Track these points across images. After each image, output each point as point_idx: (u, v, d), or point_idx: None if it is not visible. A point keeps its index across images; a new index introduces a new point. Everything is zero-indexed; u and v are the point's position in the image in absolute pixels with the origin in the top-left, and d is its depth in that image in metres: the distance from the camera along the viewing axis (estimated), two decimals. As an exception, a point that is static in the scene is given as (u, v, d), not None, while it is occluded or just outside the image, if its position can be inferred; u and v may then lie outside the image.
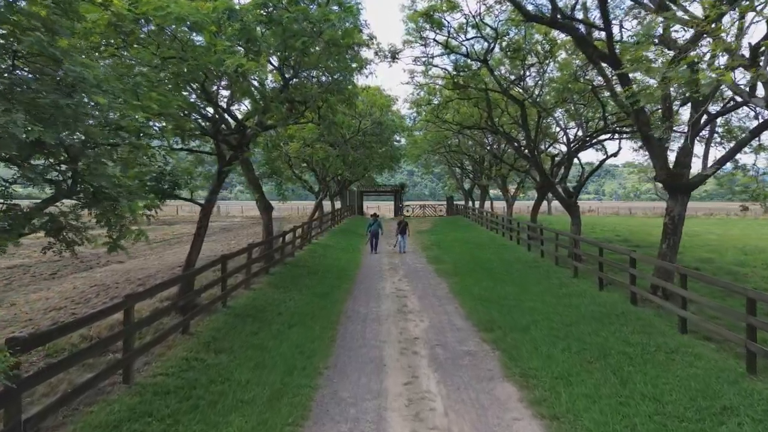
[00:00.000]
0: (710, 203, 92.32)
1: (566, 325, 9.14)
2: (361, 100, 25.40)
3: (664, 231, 10.73)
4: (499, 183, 29.79)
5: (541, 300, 11.26)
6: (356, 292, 12.92)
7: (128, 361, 5.94)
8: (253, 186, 14.50)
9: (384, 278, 14.95)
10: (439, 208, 50.90)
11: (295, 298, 11.29)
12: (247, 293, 11.28)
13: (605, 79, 12.24)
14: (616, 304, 10.54)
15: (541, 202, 22.73)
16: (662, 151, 10.43)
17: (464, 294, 12.40)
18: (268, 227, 15.01)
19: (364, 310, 11.01)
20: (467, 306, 11.17)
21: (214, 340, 7.90)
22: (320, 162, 21.47)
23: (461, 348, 8.29)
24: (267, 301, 10.75)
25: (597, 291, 11.99)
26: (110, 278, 13.79)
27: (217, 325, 8.65)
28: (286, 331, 8.83)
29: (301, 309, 10.44)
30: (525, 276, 14.30)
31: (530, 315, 9.96)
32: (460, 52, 15.42)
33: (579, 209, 16.69)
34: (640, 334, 8.50)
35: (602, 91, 19.63)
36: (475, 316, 10.22)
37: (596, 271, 12.82)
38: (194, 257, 9.36)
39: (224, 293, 9.71)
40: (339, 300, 11.74)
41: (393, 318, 10.34)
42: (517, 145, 17.81)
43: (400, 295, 12.57)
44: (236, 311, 9.62)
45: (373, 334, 9.16)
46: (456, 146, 31.73)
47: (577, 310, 10.21)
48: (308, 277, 13.79)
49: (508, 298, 11.62)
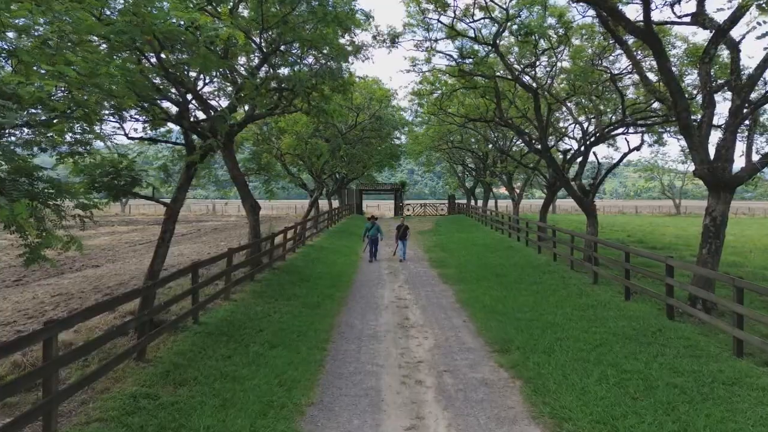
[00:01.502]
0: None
1: (596, 346, 7.76)
2: (358, 93, 24.05)
3: (705, 234, 9.35)
4: (504, 180, 28.39)
5: (561, 312, 9.88)
6: (352, 301, 11.55)
7: (49, 406, 4.57)
8: (238, 183, 13.12)
9: (383, 285, 13.58)
10: (440, 207, 49.52)
11: (282, 311, 9.91)
12: (225, 305, 9.90)
13: (633, 61, 10.85)
14: (649, 318, 9.16)
15: (551, 201, 21.36)
16: (703, 143, 9.05)
17: (473, 304, 11.03)
18: (255, 229, 13.63)
19: (359, 324, 9.64)
20: (477, 319, 9.80)
21: (175, 369, 6.51)
22: (308, 156, 20.07)
23: (474, 375, 6.92)
24: (248, 314, 9.37)
25: (623, 301, 10.61)
26: (78, 286, 12.44)
27: (182, 348, 7.27)
28: (266, 354, 7.45)
29: (287, 324, 9.07)
30: (539, 283, 12.92)
31: (551, 332, 8.58)
32: (468, 35, 14.00)
33: (596, 209, 15.30)
34: (687, 358, 7.12)
35: (620, 79, 18.30)
36: (488, 333, 8.85)
37: (620, 278, 11.45)
38: (157, 266, 7.98)
39: (195, 307, 8.34)
40: (332, 312, 10.38)
41: (393, 334, 8.97)
42: (528, 138, 16.43)
43: (400, 306, 11.20)
44: (209, 328, 8.23)
45: (369, 355, 7.79)
46: (459, 142, 30.30)
47: (604, 326, 8.83)
48: (299, 285, 12.41)
49: (522, 309, 10.24)
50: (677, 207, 58.70)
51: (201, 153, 7.49)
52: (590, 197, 14.98)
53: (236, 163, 13.08)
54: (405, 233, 17.87)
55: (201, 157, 7.57)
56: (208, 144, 7.56)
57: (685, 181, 58.52)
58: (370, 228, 17.68)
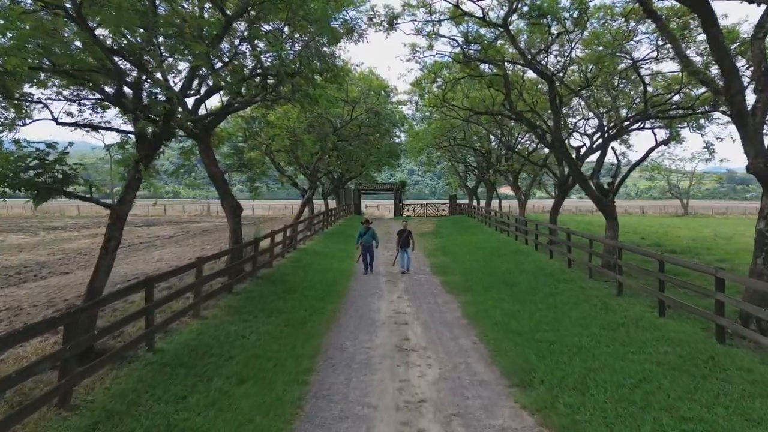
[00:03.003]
0: (710, 202, 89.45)
1: (639, 380, 6.31)
2: (354, 85, 22.61)
3: (758, 241, 7.91)
4: (510, 180, 26.89)
5: (587, 332, 8.42)
6: (344, 316, 10.10)
7: None
8: (217, 181, 11.67)
9: (380, 295, 12.13)
10: (441, 208, 48.07)
11: (260, 330, 8.46)
12: (193, 324, 8.44)
13: (671, 39, 9.38)
14: (695, 341, 7.70)
15: (562, 201, 19.89)
16: (758, 133, 7.60)
17: (482, 320, 9.59)
18: (236, 233, 12.17)
19: (351, 346, 8.20)
20: (489, 340, 8.36)
21: (107, 419, 5.07)
22: (300, 154, 18.60)
23: (492, 423, 5.47)
24: (218, 336, 7.91)
25: (657, 318, 9.15)
26: (35, 297, 11.01)
27: (124, 387, 5.82)
28: (232, 392, 6.00)
29: (264, 348, 7.62)
30: (555, 294, 11.47)
31: (580, 359, 7.13)
32: (476, 16, 12.56)
33: (615, 210, 13.83)
34: (758, 399, 5.67)
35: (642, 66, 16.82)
36: (503, 359, 7.41)
37: (650, 290, 10.01)
38: (99, 282, 6.53)
39: (150, 330, 6.88)
40: (319, 330, 8.93)
41: (390, 360, 7.52)
42: (541, 132, 14.98)
43: (399, 321, 9.75)
44: (165, 358, 6.77)
45: (360, 391, 6.35)
46: (462, 139, 28.81)
47: (643, 351, 7.38)
48: (284, 297, 10.95)
49: (541, 327, 8.80)
50: (685, 207, 57.24)
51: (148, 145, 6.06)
52: (610, 197, 13.53)
53: (214, 159, 11.63)
54: (408, 240, 15.11)
55: (150, 149, 6.14)
56: (166, 136, 6.13)
57: (693, 181, 57.21)
58: (364, 233, 14.91)
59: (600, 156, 14.55)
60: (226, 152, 13.16)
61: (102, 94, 5.96)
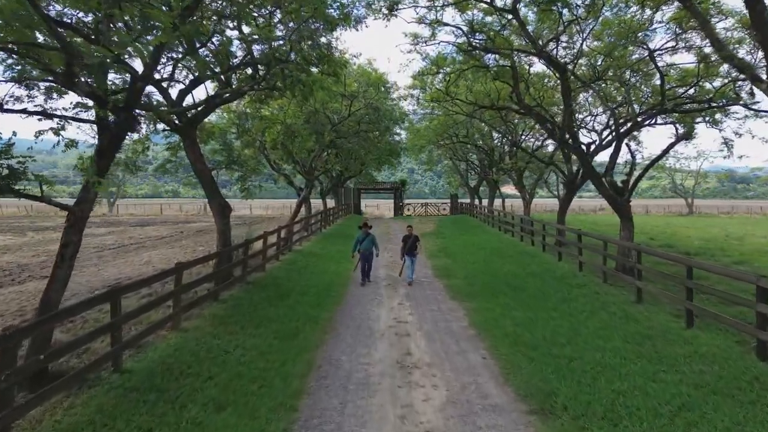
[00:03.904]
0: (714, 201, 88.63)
1: (678, 408, 5.48)
2: (352, 78, 21.75)
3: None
4: (514, 178, 26.01)
5: (609, 346, 7.59)
6: (340, 326, 9.27)
7: None
8: (203, 180, 10.82)
9: (380, 301, 11.29)
10: (442, 207, 47.19)
11: (246, 344, 7.62)
12: (172, 338, 7.60)
13: (700, 21, 8.52)
14: (733, 358, 6.85)
15: (570, 200, 19.03)
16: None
17: (491, 330, 8.76)
18: (225, 234, 11.32)
19: (347, 361, 7.37)
20: (501, 355, 7.52)
21: (51, 462, 4.23)
22: (297, 151, 17.71)
23: (510, 462, 4.63)
24: (197, 352, 7.08)
25: (684, 330, 8.32)
26: (5, 305, 10.18)
27: (79, 419, 4.98)
28: (207, 421, 5.18)
29: (250, 366, 6.78)
30: (569, 300, 10.64)
31: (606, 379, 6.30)
32: (483, 0, 11.68)
33: (630, 210, 12.98)
34: (823, 433, 4.84)
35: (644, 67, 16.02)
36: (518, 378, 6.57)
37: (672, 296, 9.20)
38: (55, 294, 5.69)
39: (116, 348, 6.03)
40: (312, 343, 8.09)
41: (390, 379, 6.69)
42: (551, 126, 14.11)
43: (400, 332, 8.91)
44: (134, 380, 5.93)
45: (356, 420, 5.52)
46: (464, 136, 27.92)
47: (676, 370, 6.55)
48: (276, 304, 10.12)
49: (557, 340, 7.96)
50: (690, 207, 56.38)
51: (110, 136, 5.22)
52: (626, 196, 12.68)
53: (201, 155, 10.77)
54: (414, 246, 13.29)
55: (113, 141, 5.31)
56: (131, 123, 5.29)
57: (698, 180, 56.35)
58: (363, 239, 13.00)
59: (613, 152, 13.69)
60: (215, 148, 12.27)
61: (53, 75, 5.13)
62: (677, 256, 10.79)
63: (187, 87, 9.98)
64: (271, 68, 8.70)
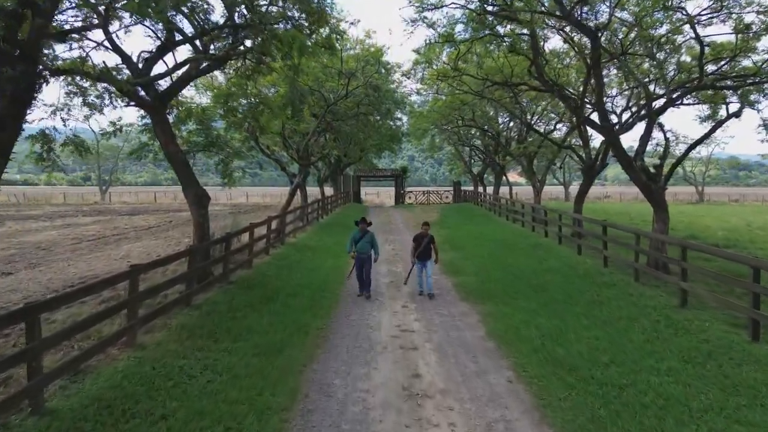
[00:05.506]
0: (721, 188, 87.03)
1: (785, 466, 4.05)
2: (351, 53, 20.10)
3: None
4: (524, 164, 24.45)
5: (664, 367, 6.16)
6: (335, 336, 7.83)
7: None
8: (176, 163, 9.30)
9: (381, 304, 9.84)
10: (444, 195, 45.63)
11: (217, 365, 6.18)
12: (122, 360, 6.16)
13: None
14: (828, 385, 5.44)
15: (588, 187, 17.51)
16: None
17: (514, 342, 7.33)
18: (203, 227, 9.85)
19: (341, 387, 5.94)
20: (531, 378, 6.09)
21: None
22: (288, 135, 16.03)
23: None
24: (153, 378, 5.63)
25: (751, 344, 6.88)
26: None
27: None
28: (145, 493, 3.74)
29: (216, 398, 5.35)
30: (600, 303, 9.21)
31: (674, 419, 4.88)
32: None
33: (665, 199, 11.46)
34: None
35: (672, 41, 14.38)
36: (559, 415, 5.15)
37: (732, 303, 7.75)
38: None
39: (36, 382, 4.58)
40: (299, 360, 6.66)
41: (395, 414, 5.28)
42: (575, 104, 12.53)
43: (405, 345, 7.48)
44: (56, 425, 4.48)
45: (350, 482, 4.09)
46: (471, 119, 26.30)
47: (761, 405, 5.13)
48: (259, 309, 8.68)
49: (599, 358, 6.53)
50: (700, 194, 54.82)
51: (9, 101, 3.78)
52: (661, 183, 11.16)
53: (172, 136, 9.23)
54: (429, 248, 10.34)
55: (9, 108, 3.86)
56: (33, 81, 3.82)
57: (708, 167, 54.71)
58: (359, 238, 10.20)
59: (644, 134, 12.12)
60: (191, 128, 10.76)
61: None
62: (735, 254, 9.33)
63: (154, 55, 8.44)
64: (252, 28, 7.17)
